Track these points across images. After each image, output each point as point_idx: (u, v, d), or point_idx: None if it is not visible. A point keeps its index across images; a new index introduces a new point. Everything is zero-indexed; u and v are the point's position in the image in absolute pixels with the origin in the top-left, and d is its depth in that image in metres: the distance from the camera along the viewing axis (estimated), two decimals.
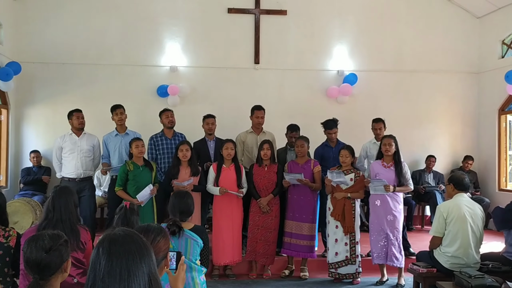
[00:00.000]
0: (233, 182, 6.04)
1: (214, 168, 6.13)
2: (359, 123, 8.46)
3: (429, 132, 9.32)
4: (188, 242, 3.71)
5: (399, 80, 9.25)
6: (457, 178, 4.97)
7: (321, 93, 9.05)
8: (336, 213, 5.87)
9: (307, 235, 6.11)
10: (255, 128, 6.89)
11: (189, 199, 3.92)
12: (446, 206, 4.86)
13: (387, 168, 5.89)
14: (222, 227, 6.01)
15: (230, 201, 6.05)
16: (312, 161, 6.27)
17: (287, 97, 8.95)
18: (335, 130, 6.70)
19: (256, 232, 6.10)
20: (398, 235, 5.83)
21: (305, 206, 6.13)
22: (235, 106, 8.54)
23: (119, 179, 5.94)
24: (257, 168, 6.19)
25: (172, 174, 5.97)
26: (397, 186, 5.81)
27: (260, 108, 6.84)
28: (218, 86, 8.85)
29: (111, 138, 6.66)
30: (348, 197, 5.87)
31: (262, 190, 6.12)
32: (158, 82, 8.64)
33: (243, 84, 8.89)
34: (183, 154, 5.95)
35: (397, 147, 5.89)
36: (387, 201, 5.81)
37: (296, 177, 5.97)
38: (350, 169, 5.98)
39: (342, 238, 5.87)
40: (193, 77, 8.81)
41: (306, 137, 6.36)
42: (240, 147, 6.83)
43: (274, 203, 6.15)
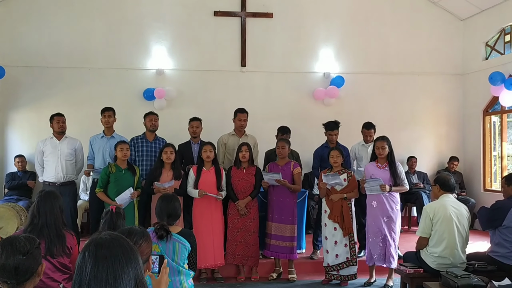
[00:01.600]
0: (212, 184, 6.03)
1: (194, 170, 6.10)
2: (345, 125, 8.42)
3: (414, 133, 9.39)
4: (176, 246, 3.69)
5: (385, 82, 9.32)
6: (443, 179, 5.01)
7: (307, 96, 9.07)
8: (335, 215, 5.84)
9: (287, 236, 6.11)
10: (238, 131, 6.89)
11: (176, 202, 3.91)
12: (432, 207, 4.90)
13: (382, 169, 5.90)
14: (202, 230, 5.96)
15: (210, 204, 6.02)
16: (292, 162, 6.26)
17: (274, 100, 8.97)
18: (336, 132, 6.72)
19: (236, 235, 6.09)
20: (395, 236, 5.82)
21: (284, 208, 6.12)
22: (222, 109, 8.52)
23: (100, 181, 5.92)
24: (236, 170, 6.17)
25: (154, 176, 5.94)
26: (393, 187, 5.81)
27: (243, 111, 6.84)
28: (205, 89, 8.83)
29: (96, 140, 6.65)
30: (344, 197, 5.88)
31: (240, 192, 6.10)
32: (144, 85, 8.61)
33: (230, 87, 8.89)
34: (167, 156, 5.93)
35: (390, 148, 5.91)
36: (383, 202, 5.80)
37: (274, 177, 5.98)
38: (342, 170, 5.98)
39: (342, 239, 5.86)
40: (180, 80, 8.79)
41: (287, 140, 6.40)
42: (221, 149, 6.83)
43: (252, 205, 6.14)
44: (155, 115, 6.79)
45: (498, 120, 9.12)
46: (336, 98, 9.03)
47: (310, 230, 7.59)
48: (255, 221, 6.14)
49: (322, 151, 6.79)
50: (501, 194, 5.36)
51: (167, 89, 8.56)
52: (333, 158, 5.96)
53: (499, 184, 8.72)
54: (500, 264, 4.83)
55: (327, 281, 5.99)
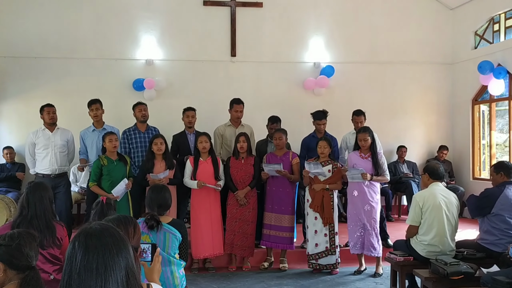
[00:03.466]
0: (210, 175, 6.04)
1: (191, 161, 6.12)
2: (336, 114, 8.45)
3: (404, 122, 9.43)
4: (167, 236, 3.69)
5: (375, 71, 9.33)
6: (432, 168, 5.04)
7: (298, 85, 9.07)
8: (315, 205, 5.91)
9: (287, 226, 6.15)
10: (234, 122, 6.89)
11: (166, 192, 3.90)
12: (422, 195, 4.93)
13: (365, 159, 5.94)
14: (201, 220, 6.01)
15: (208, 194, 6.04)
16: (291, 152, 6.30)
17: (264, 90, 8.95)
18: (324, 121, 6.72)
19: (234, 225, 6.11)
20: (375, 225, 5.89)
21: (284, 198, 6.15)
22: (212, 99, 8.51)
23: (93, 175, 5.88)
24: (234, 160, 6.19)
25: (147, 168, 5.92)
26: (374, 176, 5.86)
27: (239, 102, 6.83)
28: (195, 79, 8.79)
29: (88, 134, 6.59)
30: (326, 188, 5.91)
31: (239, 182, 6.12)
32: (134, 75, 8.55)
33: (220, 77, 8.85)
34: (157, 147, 5.92)
35: (373, 138, 5.94)
36: (365, 191, 5.86)
37: (275, 168, 6.00)
38: (328, 161, 6.01)
39: (322, 229, 5.92)
40: (169, 70, 8.74)
41: (284, 130, 6.39)
42: (218, 140, 6.84)
43: (251, 196, 6.17)
44: (143, 105, 6.76)
45: (487, 109, 9.18)
46: (326, 88, 9.03)
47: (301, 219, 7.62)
48: (253, 211, 6.18)
49: (310, 140, 6.81)
50: (490, 183, 5.42)
51: (157, 80, 8.52)
52: (320, 148, 5.99)
53: (488, 172, 8.80)
54: (489, 251, 4.89)
55: (318, 270, 6.03)
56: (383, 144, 7.49)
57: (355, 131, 6.97)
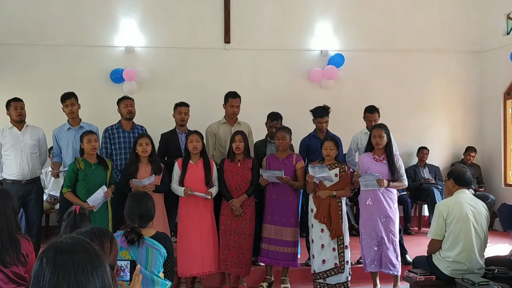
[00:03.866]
0: (200, 180, 6.03)
1: (179, 164, 6.10)
2: (345, 110, 8.52)
3: (425, 120, 9.44)
4: (149, 251, 3.69)
5: (391, 61, 9.34)
6: (458, 173, 5.05)
7: (302, 77, 9.08)
8: (321, 215, 5.87)
9: (289, 241, 6.11)
10: (229, 119, 6.87)
11: (149, 201, 3.90)
12: (446, 204, 4.93)
13: (379, 162, 5.93)
14: (188, 232, 5.98)
15: (197, 203, 6.02)
16: (295, 155, 6.27)
17: (263, 82, 8.96)
18: (326, 119, 6.71)
19: (228, 239, 6.09)
20: (394, 238, 5.87)
21: (286, 208, 6.13)
22: (203, 93, 8.51)
23: (67, 179, 5.86)
24: (229, 163, 6.17)
25: (130, 172, 5.91)
26: (391, 182, 5.85)
27: (236, 96, 6.82)
28: (182, 70, 8.78)
29: (62, 133, 6.54)
30: (333, 195, 5.90)
31: (234, 189, 6.10)
32: (112, 65, 8.53)
33: (212, 67, 8.85)
34: (142, 148, 5.91)
35: (389, 138, 5.94)
36: (380, 199, 5.85)
37: (275, 174, 5.97)
38: (334, 164, 5.99)
39: (329, 243, 5.87)
40: (153, 59, 8.73)
41: (287, 128, 6.35)
42: (211, 140, 6.82)
43: (248, 205, 6.15)
44: (130, 100, 6.76)
45: None
46: (334, 80, 9.04)
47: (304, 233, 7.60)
48: (251, 222, 6.16)
49: (310, 141, 6.79)
50: None
51: (138, 70, 8.51)
52: (326, 150, 5.96)
53: None
54: None
55: None
56: (401, 145, 7.51)
57: (367, 131, 6.97)
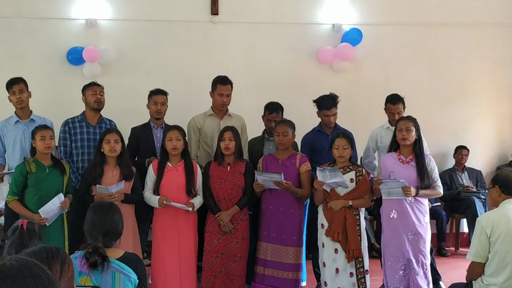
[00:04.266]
0: (181, 188, 6.02)
1: (154, 167, 6.10)
2: (364, 99, 8.53)
3: (464, 113, 9.46)
4: (116, 277, 3.68)
5: (421, 37, 9.35)
6: (505, 178, 5.04)
7: (309, 58, 9.07)
8: (335, 231, 5.84)
9: (290, 264, 6.11)
10: (217, 110, 6.86)
11: (115, 214, 3.89)
12: (490, 218, 4.93)
13: (406, 164, 5.93)
14: (165, 254, 5.97)
15: (176, 216, 6.01)
16: (299, 155, 6.27)
17: (260, 64, 8.95)
18: (334, 111, 6.73)
19: (214, 262, 6.07)
20: (425, 261, 5.86)
21: (286, 222, 6.13)
22: (184, 78, 8.51)
23: (13, 185, 5.86)
24: (216, 167, 6.17)
25: (93, 176, 5.90)
26: (421, 189, 5.84)
27: (226, 82, 6.81)
28: (158, 49, 8.76)
29: (8, 127, 6.58)
30: (349, 206, 5.89)
31: (222, 200, 6.10)
32: (69, 43, 8.50)
33: (195, 45, 8.83)
34: (110, 147, 5.90)
35: (418, 134, 5.94)
36: (407, 212, 5.84)
37: (272, 178, 5.95)
38: (349, 166, 5.98)
39: (345, 267, 5.85)
40: (121, 35, 8.71)
41: (289, 121, 6.36)
42: (194, 137, 6.80)
43: (240, 219, 6.14)
44: (99, 87, 6.78)
45: None
46: (350, 61, 9.04)
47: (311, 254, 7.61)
48: (243, 241, 6.15)
49: (314, 137, 6.83)
50: None
51: (102, 49, 8.48)
52: (338, 149, 5.94)
53: None
54: None
55: None
56: (433, 144, 7.51)
57: (389, 125, 6.97)
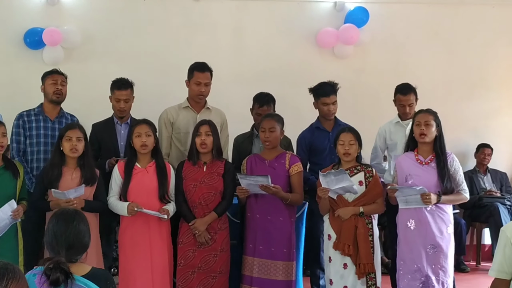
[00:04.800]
0: (152, 192, 5.98)
1: (120, 169, 6.04)
2: (371, 90, 8.56)
3: (487, 106, 9.50)
4: None
5: (437, 18, 9.39)
6: None
7: (307, 41, 9.10)
8: (344, 243, 5.78)
9: (280, 281, 6.09)
10: (194, 102, 6.83)
11: (80, 224, 3.87)
12: None
13: (425, 165, 5.92)
14: (135, 270, 5.91)
15: (147, 225, 5.95)
16: (288, 155, 6.23)
17: (249, 48, 8.97)
18: (333, 98, 6.72)
19: (191, 278, 6.03)
20: (445, 278, 5.81)
21: (275, 233, 6.09)
22: (161, 65, 8.52)
23: None
24: (190, 167, 6.13)
25: (50, 178, 5.86)
26: (443, 195, 5.80)
27: (204, 69, 6.78)
28: (131, 30, 8.75)
29: None
30: (360, 213, 5.85)
31: (198, 205, 6.04)
32: (26, 23, 8.49)
33: (174, 26, 8.83)
34: (71, 145, 5.85)
35: (439, 130, 5.91)
36: (427, 221, 5.79)
37: (258, 181, 5.93)
38: (356, 166, 5.96)
39: (355, 284, 5.80)
40: (87, 14, 8.69)
41: (277, 115, 6.36)
42: (166, 133, 6.76)
43: (219, 228, 6.09)
44: (61, 76, 6.73)
45: None
46: (355, 45, 9.07)
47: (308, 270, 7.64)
48: (223, 254, 6.11)
49: (312, 135, 6.82)
50: None
51: (65, 30, 8.47)
52: (343, 145, 5.89)
53: None
54: None
55: None
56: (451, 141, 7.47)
57: (399, 120, 6.98)
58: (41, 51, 8.47)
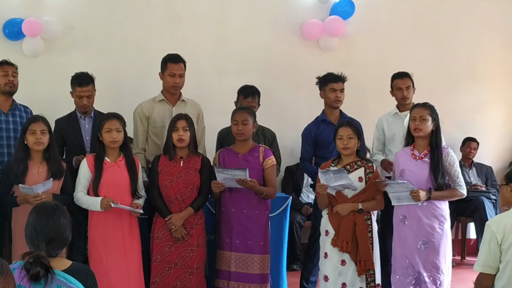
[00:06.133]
0: (124, 187, 5.99)
1: (89, 163, 6.01)
2: (357, 83, 8.53)
3: (473, 99, 9.54)
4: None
5: (423, 10, 9.42)
6: None
7: (292, 33, 9.10)
8: (343, 240, 5.77)
9: (257, 274, 6.11)
10: (169, 94, 6.81)
11: (62, 217, 3.86)
12: (502, 222, 4.96)
13: (419, 160, 5.92)
14: (109, 267, 5.89)
15: (120, 220, 5.95)
16: (261, 148, 6.23)
17: (233, 41, 8.94)
18: (341, 85, 6.77)
19: (167, 273, 6.03)
20: (437, 275, 5.84)
21: (252, 227, 6.12)
22: (143, 57, 8.48)
23: None
24: (166, 162, 6.12)
25: (15, 173, 5.83)
26: (435, 191, 5.81)
27: (178, 60, 6.76)
28: (112, 22, 8.71)
29: None
30: (359, 210, 5.84)
31: (174, 200, 6.05)
32: (5, 14, 8.41)
33: (156, 17, 8.79)
34: (35, 139, 5.82)
35: (436, 125, 5.91)
36: (419, 216, 5.83)
37: (235, 175, 5.92)
38: (356, 162, 5.94)
39: (354, 281, 5.80)
40: (68, 5, 8.63)
41: (249, 108, 6.39)
42: (141, 127, 6.75)
43: (195, 223, 6.10)
44: (12, 66, 6.74)
45: None
46: (340, 37, 9.08)
47: (295, 264, 7.64)
48: (199, 250, 6.12)
49: (318, 128, 6.81)
50: None
51: (46, 21, 8.41)
52: (342, 140, 5.87)
53: None
54: None
55: None
56: None
57: (397, 111, 6.99)
58: (21, 42, 8.41)
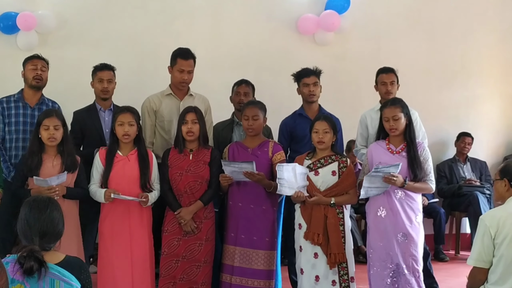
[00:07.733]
0: (133, 180, 5.98)
1: (101, 157, 6.04)
2: (350, 77, 8.57)
3: (467, 94, 9.55)
4: (56, 285, 3.66)
5: (418, 5, 9.42)
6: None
7: (287, 27, 9.09)
8: (314, 233, 5.83)
9: (261, 270, 6.11)
10: (177, 89, 6.81)
11: (54, 211, 3.86)
12: (495, 217, 4.96)
13: (396, 154, 5.95)
14: (114, 259, 5.92)
15: (128, 213, 5.97)
16: (271, 143, 6.26)
17: (228, 35, 8.95)
18: (313, 79, 6.72)
19: (174, 267, 6.05)
20: (416, 266, 5.88)
21: (257, 221, 6.12)
22: (138, 52, 8.49)
23: None
24: (176, 155, 6.14)
25: (30, 166, 5.83)
26: (410, 181, 5.83)
27: (188, 56, 6.74)
28: (108, 16, 8.69)
29: None
30: (331, 204, 5.89)
31: (184, 194, 6.07)
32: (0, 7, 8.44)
33: (151, 12, 8.78)
34: (49, 134, 5.82)
35: (409, 118, 5.94)
36: (396, 209, 5.85)
37: (242, 168, 5.92)
38: (331, 156, 5.97)
39: (327, 274, 5.84)
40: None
41: (260, 102, 6.36)
42: (149, 121, 6.75)
43: (204, 217, 6.12)
44: (41, 61, 6.69)
45: None
46: (335, 32, 9.08)
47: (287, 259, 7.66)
48: (208, 243, 6.13)
49: (294, 122, 6.81)
50: None
51: (40, 15, 8.40)
52: (317, 133, 5.90)
53: None
54: None
55: None
56: (431, 129, 7.57)
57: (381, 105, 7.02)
58: (15, 36, 8.39)
